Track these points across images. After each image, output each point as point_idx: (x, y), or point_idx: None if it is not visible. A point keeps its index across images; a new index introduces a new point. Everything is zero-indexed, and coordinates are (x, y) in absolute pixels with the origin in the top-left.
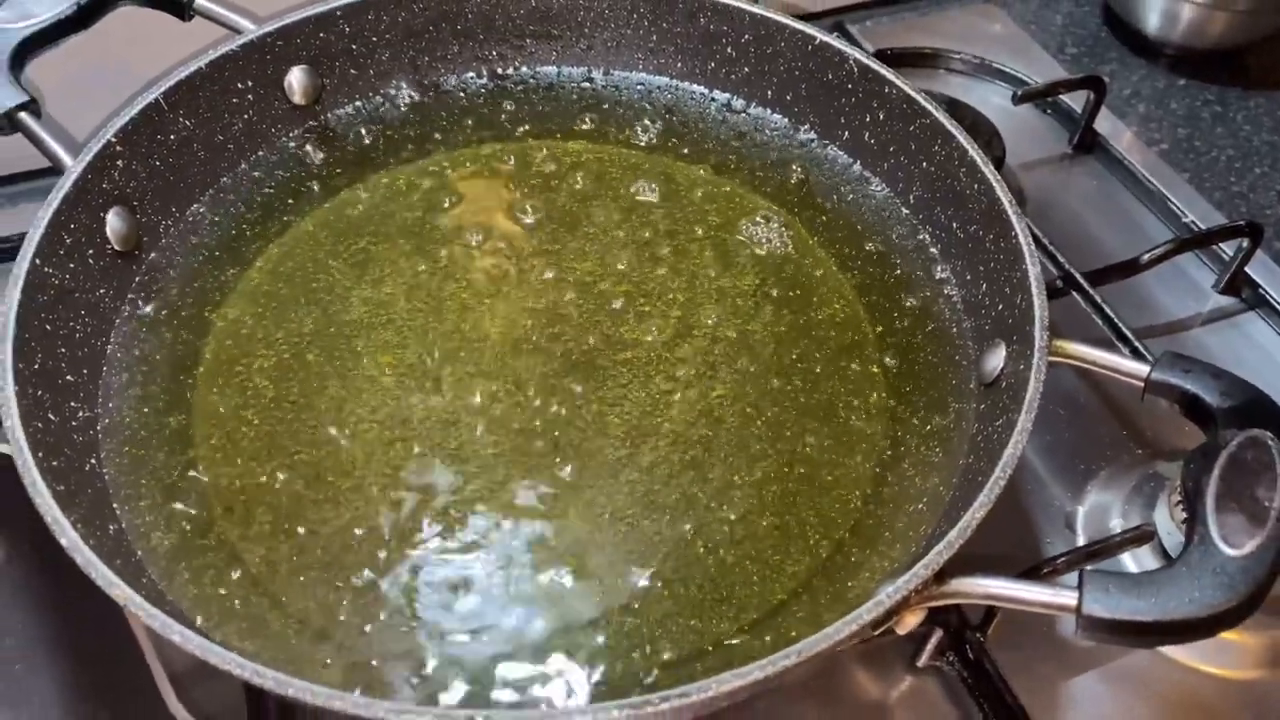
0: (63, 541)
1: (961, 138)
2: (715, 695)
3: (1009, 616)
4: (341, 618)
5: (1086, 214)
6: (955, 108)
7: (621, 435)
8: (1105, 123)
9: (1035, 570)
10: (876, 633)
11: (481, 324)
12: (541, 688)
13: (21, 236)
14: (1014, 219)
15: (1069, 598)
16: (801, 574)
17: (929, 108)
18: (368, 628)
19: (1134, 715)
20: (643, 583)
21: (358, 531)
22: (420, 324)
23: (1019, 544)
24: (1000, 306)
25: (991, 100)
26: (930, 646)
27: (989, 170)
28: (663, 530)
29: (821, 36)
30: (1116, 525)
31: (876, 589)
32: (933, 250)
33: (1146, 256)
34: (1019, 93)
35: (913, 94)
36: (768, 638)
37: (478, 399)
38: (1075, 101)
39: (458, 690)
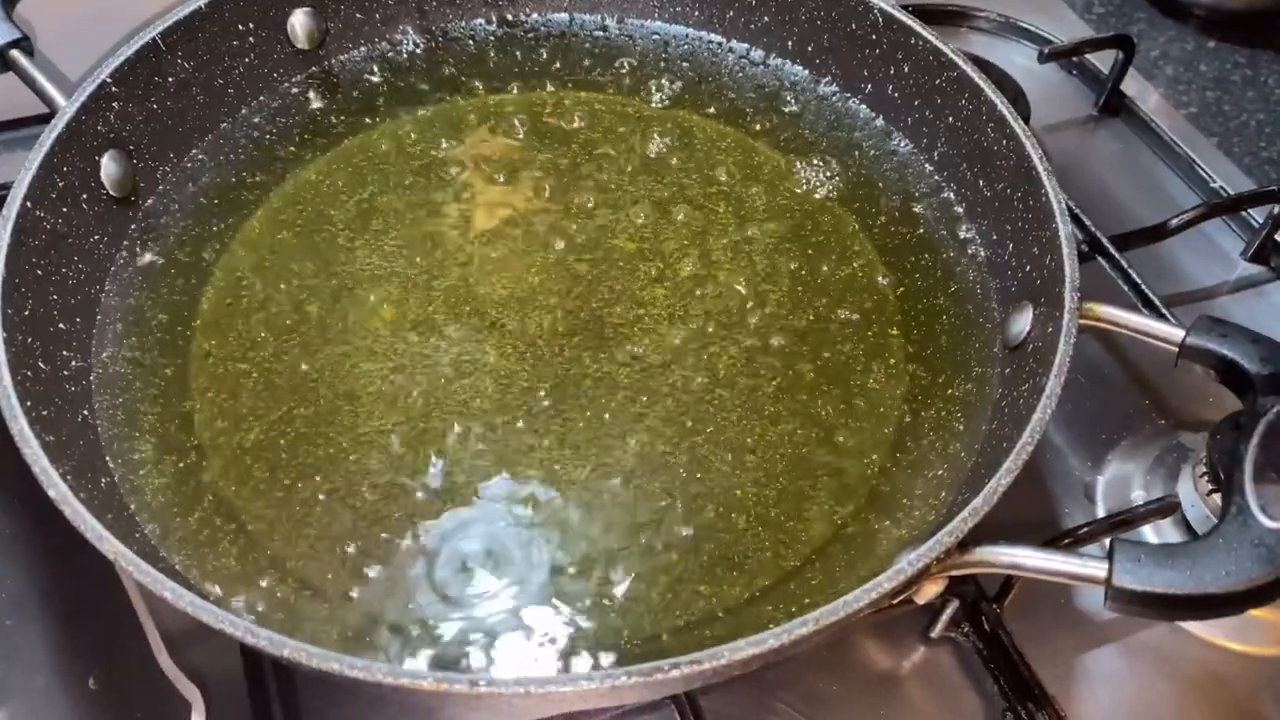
0: (51, 493)
1: (990, 92)
2: (728, 663)
3: (1026, 588)
4: (341, 576)
5: (1111, 178)
6: (979, 66)
7: (631, 395)
8: (1132, 84)
9: (1056, 541)
10: (895, 602)
11: (488, 278)
12: (547, 652)
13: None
14: (1044, 176)
15: (1098, 568)
16: (816, 540)
17: (957, 60)
18: (367, 587)
19: (1151, 689)
20: (651, 546)
21: (358, 488)
22: (425, 277)
23: (1037, 515)
24: (1027, 267)
25: (1015, 60)
26: (945, 617)
27: (1018, 125)
28: (672, 493)
29: None
30: (1138, 497)
31: (898, 556)
32: (957, 209)
33: (1175, 222)
34: (1045, 51)
35: (940, 46)
36: (780, 604)
37: (483, 355)
38: (1102, 62)
39: (460, 652)
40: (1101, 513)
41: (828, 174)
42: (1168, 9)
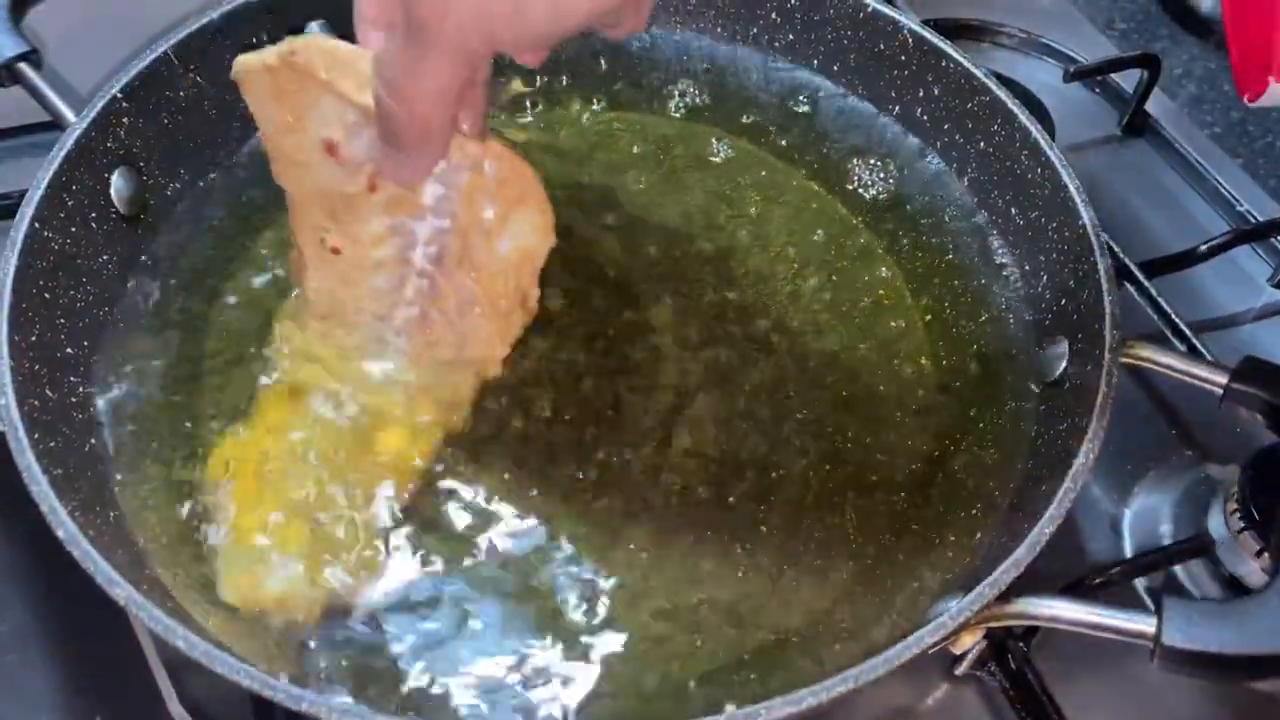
0: (60, 534)
1: (1024, 117)
2: None
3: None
4: (357, 617)
5: (1135, 199)
6: (1002, 84)
7: (652, 426)
8: (1155, 103)
9: (1087, 580)
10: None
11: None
12: (573, 699)
13: (21, 194)
14: (1081, 207)
15: (1146, 624)
16: (845, 580)
17: (989, 84)
18: (386, 624)
19: None
20: (675, 588)
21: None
22: None
23: (1063, 547)
24: (1063, 300)
25: (1037, 77)
26: (971, 656)
27: (1054, 154)
28: (695, 528)
29: (874, 4)
30: (1166, 531)
31: (935, 605)
32: (989, 235)
33: (1204, 247)
34: (1071, 70)
35: (972, 69)
36: (810, 649)
37: (505, 379)
38: (1125, 81)
39: (480, 699)
40: (1129, 546)
41: (854, 195)
42: (1190, 25)
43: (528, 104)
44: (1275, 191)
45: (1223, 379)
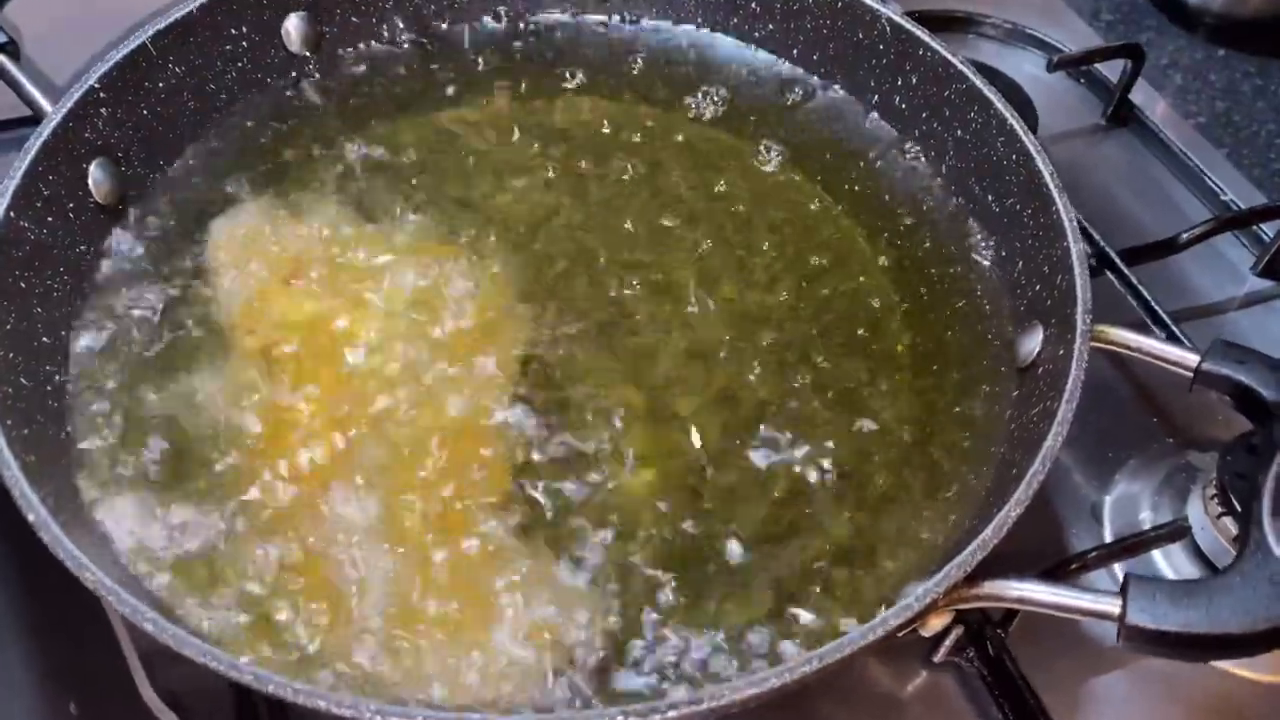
0: (30, 518)
1: (1000, 104)
2: (729, 702)
3: (1031, 613)
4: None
5: (1119, 189)
6: (986, 75)
7: (633, 417)
8: (1140, 94)
9: (1064, 566)
10: (900, 634)
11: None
12: (550, 689)
13: None
14: (1055, 193)
15: (1111, 605)
16: (820, 562)
17: (965, 72)
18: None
19: (1157, 716)
20: (653, 571)
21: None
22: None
23: (1043, 535)
24: (1038, 286)
25: (1023, 68)
26: (949, 642)
27: (1029, 140)
28: (674, 515)
29: None
30: (1146, 518)
31: (905, 588)
32: (966, 223)
33: (1185, 236)
34: (1054, 60)
35: (949, 57)
36: (783, 627)
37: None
38: (1110, 71)
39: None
40: (1109, 534)
41: (833, 184)
42: (1176, 17)
43: (512, 93)
44: (1259, 181)
45: (1193, 361)
